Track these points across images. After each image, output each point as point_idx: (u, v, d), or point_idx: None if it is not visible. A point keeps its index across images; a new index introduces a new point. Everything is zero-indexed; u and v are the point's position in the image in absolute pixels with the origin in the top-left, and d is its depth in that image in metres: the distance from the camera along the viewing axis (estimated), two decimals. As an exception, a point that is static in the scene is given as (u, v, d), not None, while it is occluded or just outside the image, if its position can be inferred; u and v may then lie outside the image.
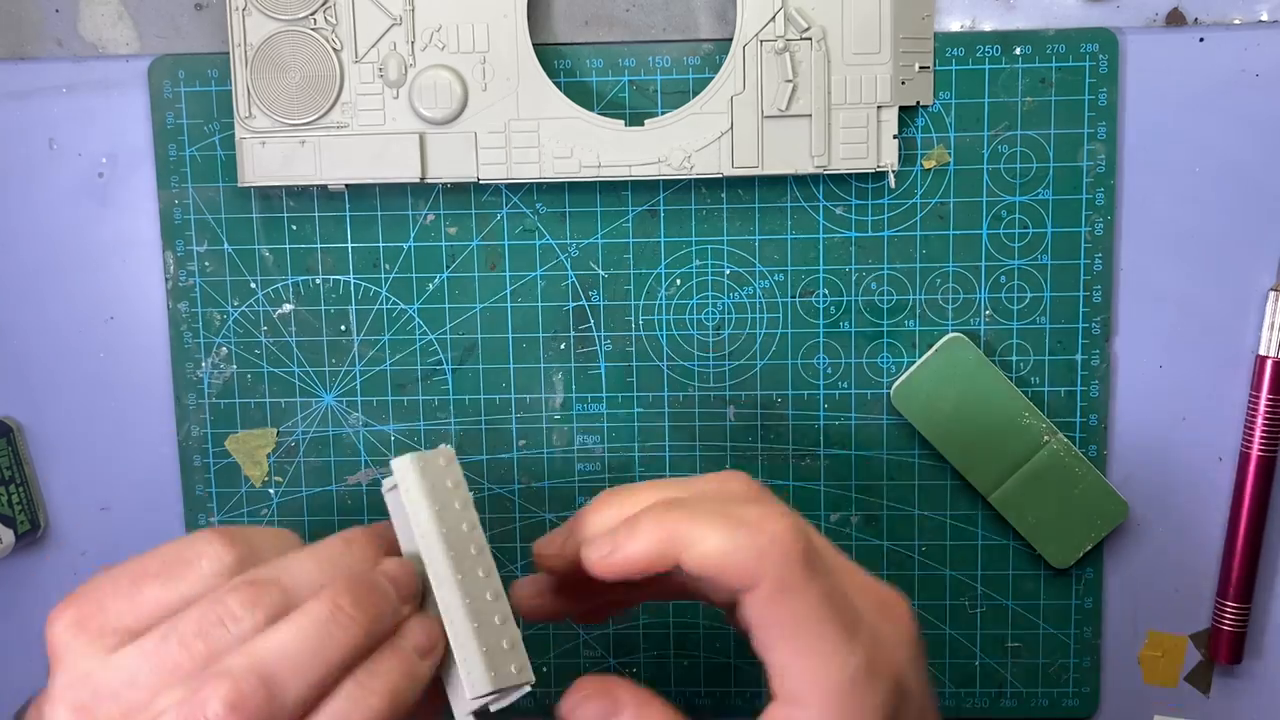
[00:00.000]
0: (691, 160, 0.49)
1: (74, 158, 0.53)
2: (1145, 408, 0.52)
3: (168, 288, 0.53)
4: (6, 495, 0.53)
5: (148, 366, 0.54)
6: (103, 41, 0.52)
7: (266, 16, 0.49)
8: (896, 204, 0.51)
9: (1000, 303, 0.52)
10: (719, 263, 0.52)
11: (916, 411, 0.51)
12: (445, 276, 0.52)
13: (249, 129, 0.50)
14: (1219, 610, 0.52)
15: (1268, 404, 0.51)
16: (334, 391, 0.53)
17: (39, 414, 0.54)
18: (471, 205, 0.52)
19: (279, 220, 0.52)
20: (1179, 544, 0.53)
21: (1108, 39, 0.50)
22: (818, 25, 0.48)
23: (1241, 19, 0.50)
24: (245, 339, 0.53)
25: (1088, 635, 0.53)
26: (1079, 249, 0.51)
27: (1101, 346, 0.52)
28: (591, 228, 0.52)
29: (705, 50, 0.51)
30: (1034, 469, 0.51)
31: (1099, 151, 0.51)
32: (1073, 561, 0.52)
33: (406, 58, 0.49)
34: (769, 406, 0.53)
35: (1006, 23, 0.50)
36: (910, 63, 0.49)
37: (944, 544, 0.53)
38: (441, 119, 0.49)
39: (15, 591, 0.56)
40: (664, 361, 0.53)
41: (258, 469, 0.54)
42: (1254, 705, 0.54)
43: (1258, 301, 0.51)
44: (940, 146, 0.51)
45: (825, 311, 0.52)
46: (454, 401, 0.53)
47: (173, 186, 0.52)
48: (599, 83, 0.51)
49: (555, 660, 0.54)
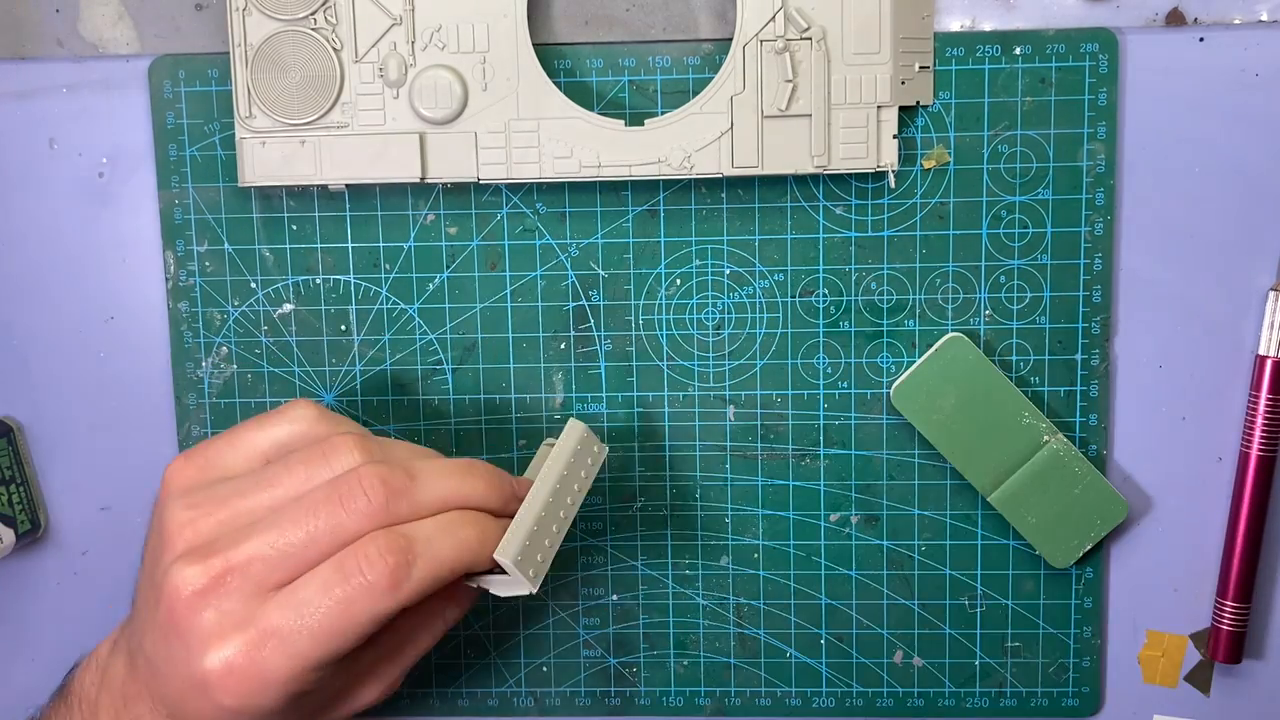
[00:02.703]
0: (691, 160, 0.49)
1: (74, 158, 0.53)
2: (1145, 408, 0.52)
3: (168, 288, 0.53)
4: (6, 495, 0.53)
5: (148, 366, 0.54)
6: (103, 41, 0.52)
7: (266, 16, 0.49)
8: (896, 204, 0.51)
9: (1000, 303, 0.52)
10: (719, 263, 0.52)
11: (916, 411, 0.51)
12: (445, 276, 0.52)
13: (249, 129, 0.50)
14: (1219, 610, 0.52)
15: (1267, 404, 0.51)
16: (334, 391, 0.53)
17: (39, 414, 0.54)
18: (471, 205, 0.52)
19: (279, 220, 0.52)
20: (1179, 544, 0.53)
21: (1108, 39, 0.50)
22: (818, 25, 0.48)
23: (1241, 19, 0.50)
24: (245, 339, 0.53)
25: (1088, 635, 0.53)
26: (1079, 249, 0.51)
27: (1101, 346, 0.52)
28: (591, 228, 0.52)
29: (705, 50, 0.51)
30: (1034, 469, 0.51)
31: (1099, 151, 0.51)
32: (1073, 561, 0.52)
33: (406, 58, 0.49)
34: (769, 406, 0.53)
35: (1006, 23, 0.50)
36: (910, 63, 0.49)
37: (944, 544, 0.53)
38: (441, 119, 0.49)
39: (15, 591, 0.56)
40: (664, 361, 0.53)
41: (258, 469, 0.54)
42: (1254, 705, 0.54)
43: (1258, 301, 0.51)
44: (940, 146, 0.51)
45: (825, 311, 0.52)
46: (454, 401, 0.53)
47: (173, 186, 0.52)
48: (599, 83, 0.51)
49: (555, 660, 0.54)
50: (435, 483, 0.40)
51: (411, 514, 0.39)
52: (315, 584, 0.37)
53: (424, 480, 0.40)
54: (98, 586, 0.55)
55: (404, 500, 0.39)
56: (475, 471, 0.42)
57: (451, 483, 0.40)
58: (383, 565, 0.37)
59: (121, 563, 0.54)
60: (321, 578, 0.37)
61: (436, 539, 0.39)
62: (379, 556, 0.37)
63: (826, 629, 0.54)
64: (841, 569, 0.53)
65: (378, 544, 0.38)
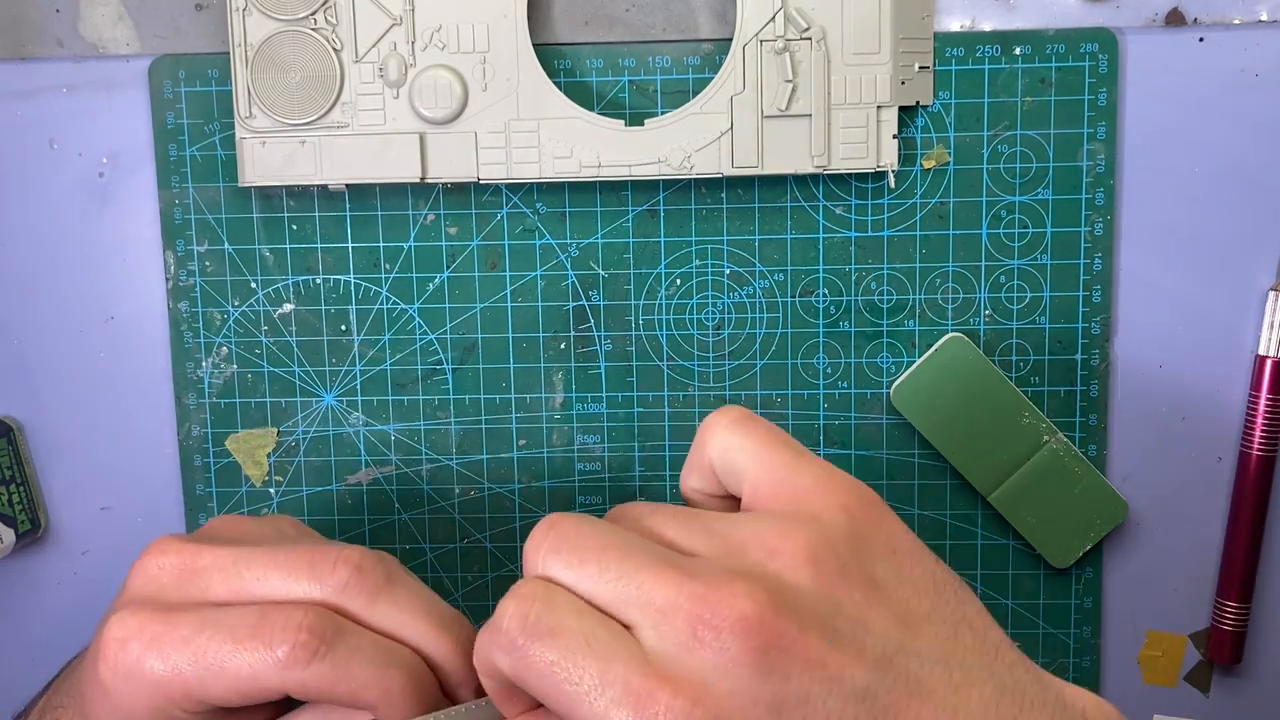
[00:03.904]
0: (691, 160, 0.49)
1: (74, 158, 0.53)
2: (1145, 408, 0.52)
3: (168, 287, 0.53)
4: (6, 495, 0.53)
5: (148, 366, 0.54)
6: (103, 41, 0.52)
7: (267, 16, 0.49)
8: (896, 204, 0.51)
9: (1000, 303, 0.52)
10: (719, 263, 0.52)
11: (916, 411, 0.51)
12: (445, 276, 0.52)
13: (249, 129, 0.50)
14: (1219, 610, 0.52)
15: (1267, 404, 0.51)
16: (334, 391, 0.53)
17: (39, 414, 0.54)
18: (472, 205, 0.52)
19: (279, 220, 0.52)
20: (1179, 544, 0.53)
21: (1107, 39, 0.50)
22: (818, 25, 0.48)
23: (1241, 19, 0.50)
24: (246, 339, 0.53)
25: (1088, 635, 0.53)
26: (1079, 249, 0.51)
27: (1101, 346, 0.52)
28: (591, 228, 0.52)
29: (705, 50, 0.51)
30: (1034, 469, 0.51)
31: (1099, 151, 0.51)
32: (1073, 561, 0.52)
33: (406, 58, 0.49)
34: (769, 406, 0.53)
35: (1006, 23, 0.50)
36: (910, 63, 0.50)
37: (944, 544, 0.53)
38: (441, 119, 0.49)
39: (15, 591, 0.56)
40: (664, 361, 0.53)
41: (258, 469, 0.54)
42: (1254, 705, 0.54)
43: (1258, 301, 0.51)
44: (940, 146, 0.51)
45: (825, 311, 0.52)
46: (454, 401, 0.53)
47: (173, 186, 0.52)
48: (599, 83, 0.51)
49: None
50: (405, 605, 0.36)
51: (364, 613, 0.35)
52: (232, 616, 0.35)
53: (398, 593, 0.36)
54: (98, 586, 0.55)
55: (364, 597, 0.35)
56: (455, 632, 0.36)
57: (420, 621, 0.35)
58: (295, 636, 0.34)
59: (121, 563, 0.54)
60: (239, 614, 0.35)
61: (366, 650, 0.34)
62: (297, 628, 0.34)
63: (826, 629, 0.54)
64: (841, 569, 0.53)
65: (306, 616, 0.34)
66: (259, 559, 0.36)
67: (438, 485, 0.54)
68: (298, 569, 0.35)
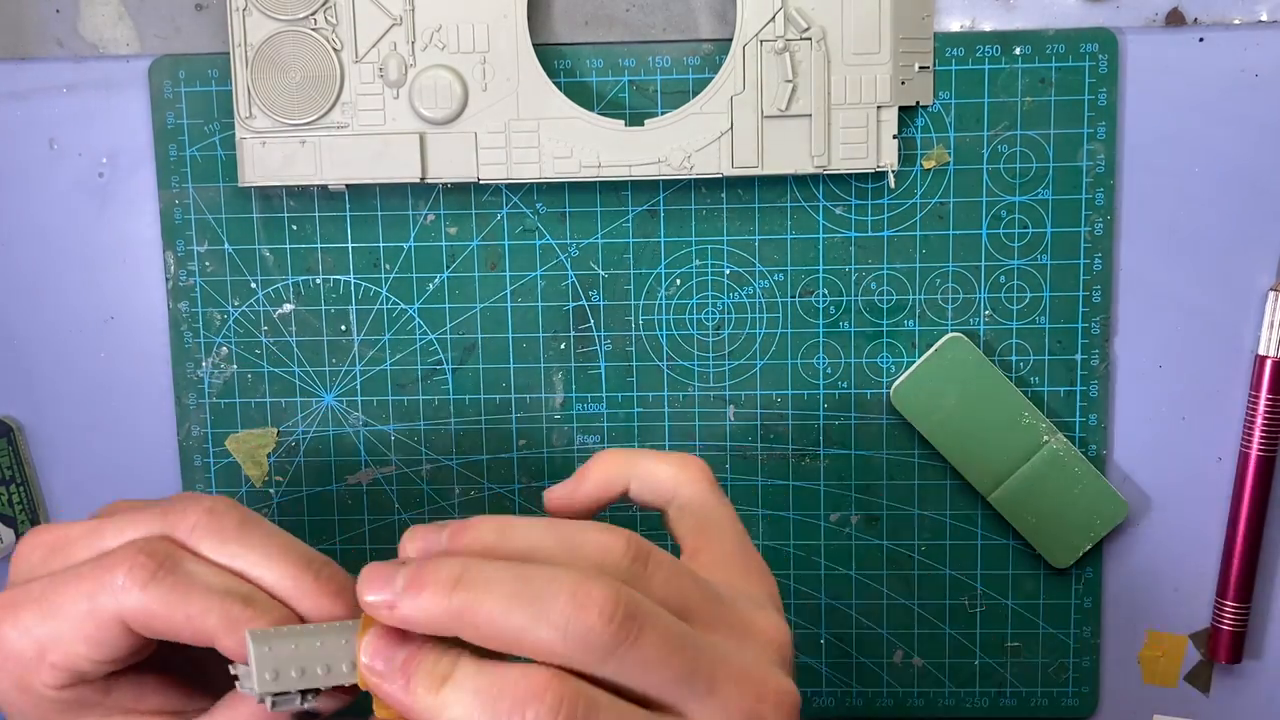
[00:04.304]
0: (691, 160, 0.49)
1: (74, 158, 0.53)
2: (1145, 408, 0.52)
3: (168, 287, 0.53)
4: (6, 495, 0.53)
5: (148, 366, 0.54)
6: (103, 41, 0.52)
7: (266, 16, 0.49)
8: (896, 204, 0.51)
9: (1000, 303, 0.52)
10: (719, 263, 0.52)
11: (916, 411, 0.51)
12: (445, 276, 0.52)
13: (249, 129, 0.50)
14: (1219, 610, 0.52)
15: (1267, 404, 0.51)
16: (334, 391, 0.53)
17: (39, 414, 0.54)
18: (471, 205, 0.52)
19: (279, 220, 0.52)
20: (1179, 544, 0.53)
21: (1107, 39, 0.50)
22: (817, 25, 0.48)
23: (1241, 19, 0.50)
24: (245, 339, 0.53)
25: (1087, 635, 0.53)
26: (1079, 249, 0.51)
27: (1101, 346, 0.52)
28: (591, 228, 0.52)
29: (705, 50, 0.51)
30: (1034, 469, 0.51)
31: (1099, 151, 0.51)
32: (1072, 561, 0.52)
33: (406, 58, 0.49)
34: (769, 406, 0.53)
35: (1006, 23, 0.50)
36: (910, 63, 0.50)
37: (944, 544, 0.53)
38: (441, 119, 0.49)
39: (15, 591, 0.55)
40: (664, 361, 0.53)
41: (258, 469, 0.54)
42: (1254, 705, 0.54)
43: (1258, 301, 0.51)
44: (940, 146, 0.51)
45: (825, 311, 0.52)
46: (454, 401, 0.53)
47: (173, 186, 0.52)
48: (599, 83, 0.51)
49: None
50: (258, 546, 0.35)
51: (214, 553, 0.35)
52: (81, 565, 0.35)
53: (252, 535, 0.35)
54: (98, 586, 0.55)
55: (214, 538, 0.35)
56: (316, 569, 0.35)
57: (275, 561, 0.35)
58: (133, 559, 0.34)
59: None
60: (88, 562, 0.35)
61: (207, 577, 0.34)
62: (135, 551, 0.34)
63: (826, 629, 0.54)
64: (841, 569, 0.53)
65: (147, 543, 0.34)
66: (119, 520, 0.36)
67: (438, 485, 0.54)
68: (153, 519, 0.35)
